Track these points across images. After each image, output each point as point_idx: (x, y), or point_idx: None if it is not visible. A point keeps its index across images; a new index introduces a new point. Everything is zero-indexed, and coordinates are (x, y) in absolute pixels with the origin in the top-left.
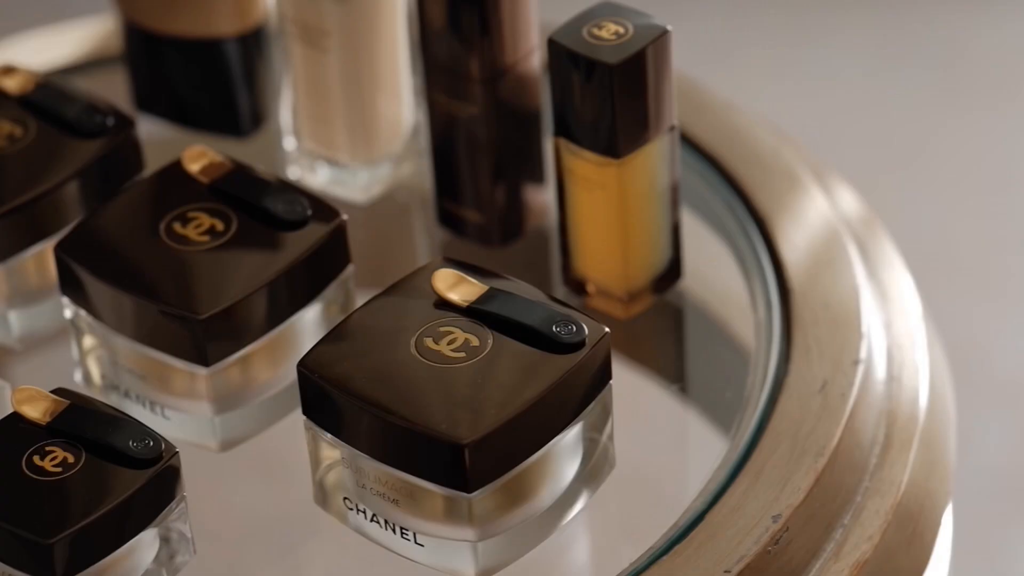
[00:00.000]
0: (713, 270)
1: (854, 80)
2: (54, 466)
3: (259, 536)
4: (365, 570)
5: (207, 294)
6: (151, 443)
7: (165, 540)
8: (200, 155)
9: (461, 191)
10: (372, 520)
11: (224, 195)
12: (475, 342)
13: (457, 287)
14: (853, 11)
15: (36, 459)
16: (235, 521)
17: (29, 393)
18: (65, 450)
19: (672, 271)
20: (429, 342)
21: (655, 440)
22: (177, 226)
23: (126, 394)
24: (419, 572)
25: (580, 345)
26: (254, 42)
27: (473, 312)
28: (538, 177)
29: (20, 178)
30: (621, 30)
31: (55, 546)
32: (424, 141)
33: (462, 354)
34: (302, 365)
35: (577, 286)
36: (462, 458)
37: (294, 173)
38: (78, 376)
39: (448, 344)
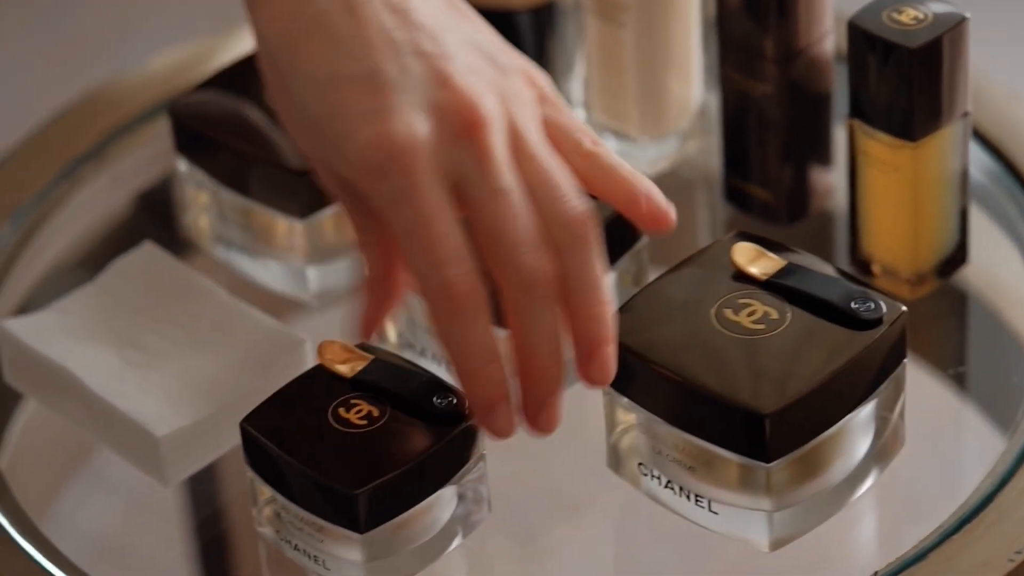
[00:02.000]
0: (996, 259)
1: None
2: (359, 419)
3: (551, 498)
4: (656, 536)
5: None
6: (454, 400)
7: (462, 498)
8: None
9: (750, 169)
10: (667, 486)
11: None
12: (774, 315)
13: (757, 261)
14: None
15: (342, 411)
16: (527, 482)
17: (334, 347)
18: (370, 404)
19: (958, 255)
20: (729, 313)
21: (938, 421)
22: None
23: (421, 352)
24: (711, 539)
25: (878, 322)
26: (546, 15)
27: (772, 286)
28: (826, 159)
29: None
30: (921, 16)
31: (359, 497)
32: (711, 120)
33: (762, 326)
34: None
35: (862, 266)
36: (763, 428)
37: None
38: None
39: (748, 316)
